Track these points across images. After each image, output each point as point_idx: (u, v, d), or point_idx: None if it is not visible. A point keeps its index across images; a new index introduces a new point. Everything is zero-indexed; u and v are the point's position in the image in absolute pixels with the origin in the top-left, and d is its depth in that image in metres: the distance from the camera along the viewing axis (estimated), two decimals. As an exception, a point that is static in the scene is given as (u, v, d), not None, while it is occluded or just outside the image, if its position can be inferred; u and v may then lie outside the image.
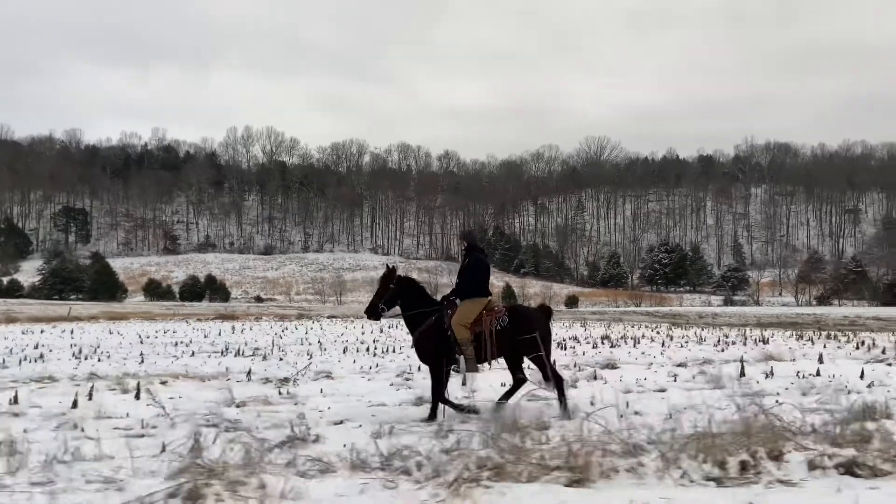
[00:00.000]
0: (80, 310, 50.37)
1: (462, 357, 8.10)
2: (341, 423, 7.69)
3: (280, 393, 10.20)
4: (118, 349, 21.30)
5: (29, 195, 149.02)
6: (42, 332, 31.68)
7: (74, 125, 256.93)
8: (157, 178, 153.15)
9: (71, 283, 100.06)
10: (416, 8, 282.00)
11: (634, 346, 21.10)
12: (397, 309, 8.55)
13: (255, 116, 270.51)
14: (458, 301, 8.37)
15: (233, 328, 39.27)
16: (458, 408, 8.09)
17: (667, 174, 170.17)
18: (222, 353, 19.38)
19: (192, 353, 19.07)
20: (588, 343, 22.24)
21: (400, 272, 8.84)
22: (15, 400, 8.98)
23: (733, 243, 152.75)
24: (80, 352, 19.40)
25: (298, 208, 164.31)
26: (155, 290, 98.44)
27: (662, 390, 10.12)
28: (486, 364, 8.45)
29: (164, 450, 5.58)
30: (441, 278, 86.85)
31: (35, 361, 16.84)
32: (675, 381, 11.37)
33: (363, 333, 30.59)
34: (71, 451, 5.56)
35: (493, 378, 10.44)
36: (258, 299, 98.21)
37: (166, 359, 17.12)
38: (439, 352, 8.19)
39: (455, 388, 9.18)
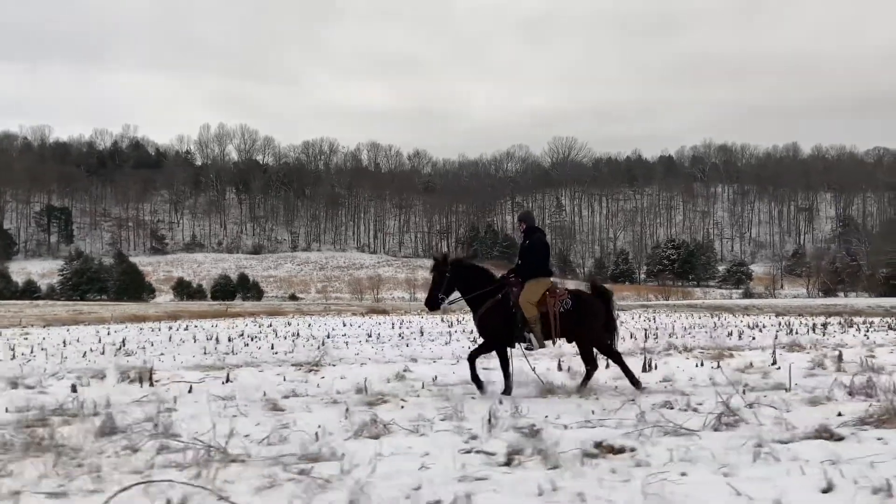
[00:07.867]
0: (237, 308, 50.89)
1: (531, 335, 8.25)
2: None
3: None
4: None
5: (4, 194, 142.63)
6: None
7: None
8: (137, 177, 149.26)
9: (95, 284, 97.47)
10: (308, 10, 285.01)
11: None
12: (456, 294, 8.51)
13: (149, 113, 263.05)
14: (518, 279, 8.43)
15: (446, 321, 40.80)
16: (481, 386, 8.23)
17: (633, 174, 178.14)
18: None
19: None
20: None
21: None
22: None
23: (705, 240, 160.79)
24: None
25: (283, 207, 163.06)
26: (185, 290, 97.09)
27: None
28: (550, 342, 8.48)
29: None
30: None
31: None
32: None
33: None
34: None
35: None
36: (293, 297, 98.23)
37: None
38: (500, 329, 8.31)
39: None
